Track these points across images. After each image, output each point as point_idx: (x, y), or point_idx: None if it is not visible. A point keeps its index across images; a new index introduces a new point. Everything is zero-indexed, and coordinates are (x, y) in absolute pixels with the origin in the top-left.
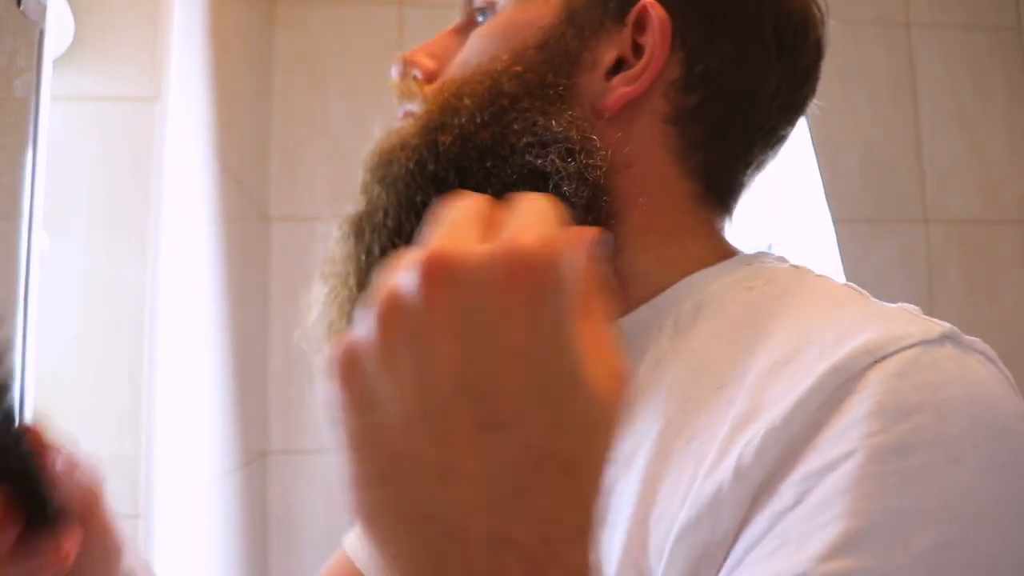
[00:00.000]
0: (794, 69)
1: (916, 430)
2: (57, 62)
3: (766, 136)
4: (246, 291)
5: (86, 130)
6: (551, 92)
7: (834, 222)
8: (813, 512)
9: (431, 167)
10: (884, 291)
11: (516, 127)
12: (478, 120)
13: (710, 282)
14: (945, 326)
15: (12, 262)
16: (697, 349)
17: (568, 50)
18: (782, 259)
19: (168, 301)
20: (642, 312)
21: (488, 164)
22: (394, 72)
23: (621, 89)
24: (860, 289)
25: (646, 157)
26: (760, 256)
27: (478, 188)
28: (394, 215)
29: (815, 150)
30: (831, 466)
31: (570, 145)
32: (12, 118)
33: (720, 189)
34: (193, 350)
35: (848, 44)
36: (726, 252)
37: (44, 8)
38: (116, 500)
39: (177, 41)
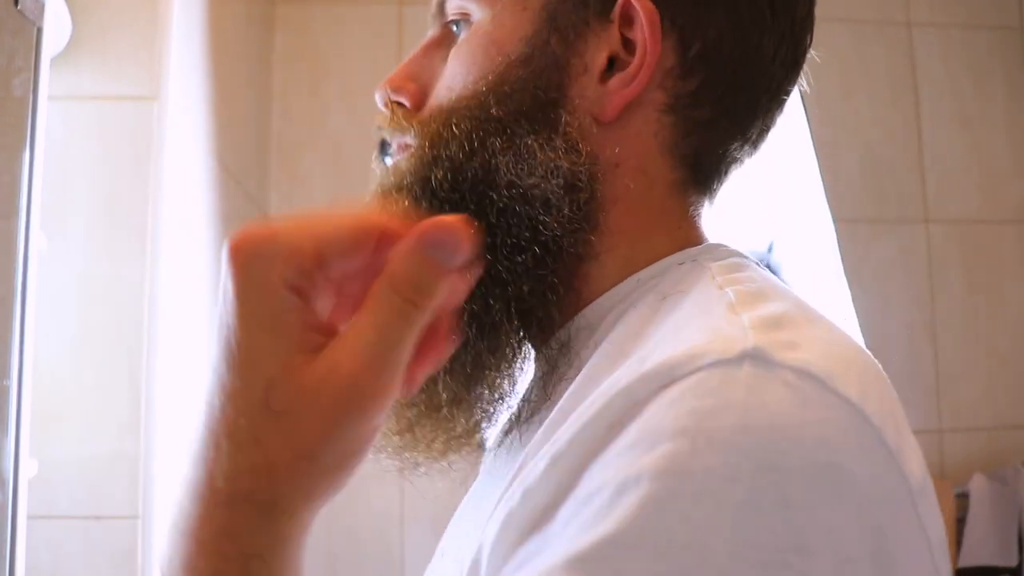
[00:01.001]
0: (791, 24)
1: (664, 458)
2: (55, 61)
3: (771, 101)
4: None
5: (84, 130)
6: (540, 113)
7: (834, 222)
8: (557, 543)
9: (426, 206)
10: (884, 291)
11: (503, 154)
12: (466, 149)
13: (635, 288)
14: (756, 342)
15: (10, 262)
16: (593, 363)
17: (555, 58)
18: (725, 254)
19: (167, 301)
20: (579, 319)
21: (479, 195)
22: (379, 101)
23: (620, 92)
24: (750, 292)
25: (637, 153)
26: (704, 251)
27: (493, 192)
28: None
29: (815, 150)
30: (590, 496)
31: (558, 169)
32: (10, 117)
33: (707, 172)
34: (192, 350)
35: (849, 44)
36: (680, 244)
37: (42, 7)
38: (114, 501)
39: (176, 40)
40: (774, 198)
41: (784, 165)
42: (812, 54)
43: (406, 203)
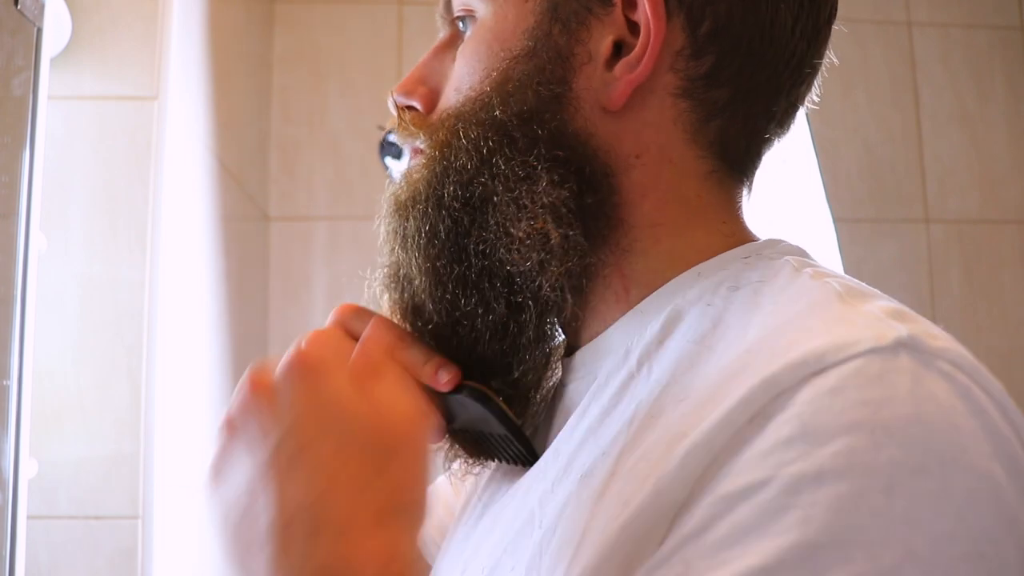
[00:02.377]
0: None
1: (843, 454)
2: (55, 61)
3: (794, 73)
4: (245, 291)
5: (84, 130)
6: (543, 111)
7: (835, 222)
8: (718, 545)
9: (442, 228)
10: (885, 291)
11: (508, 161)
12: (475, 161)
13: (697, 282)
14: (907, 330)
15: (10, 262)
16: (666, 361)
17: (558, 49)
18: (790, 250)
19: (167, 301)
20: (629, 317)
21: (492, 206)
22: (390, 106)
23: (624, 78)
24: (852, 286)
25: (657, 142)
26: (767, 246)
27: (485, 232)
28: (420, 279)
29: (816, 150)
30: (743, 494)
31: (566, 170)
32: (9, 117)
33: (737, 158)
34: (192, 350)
35: (849, 44)
36: (736, 239)
37: (42, 7)
38: (114, 501)
39: (176, 40)
40: (774, 198)
41: (784, 165)
42: (839, 25)
43: (424, 226)
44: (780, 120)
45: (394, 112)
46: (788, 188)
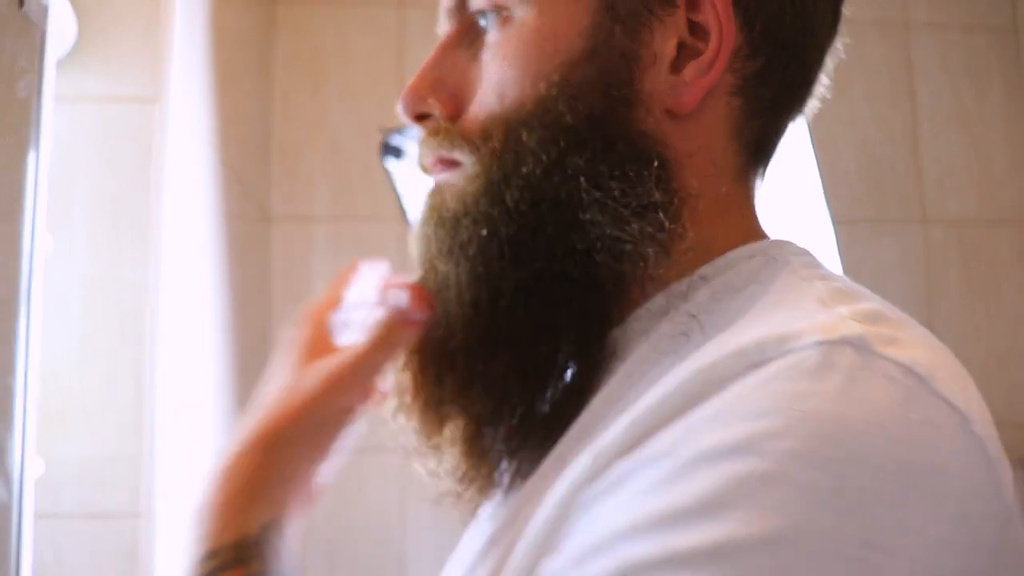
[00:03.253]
0: None
1: (745, 435)
2: (60, 63)
3: (819, 67)
4: (248, 291)
5: (88, 131)
6: (613, 115)
7: (833, 222)
8: (617, 501)
9: (505, 231)
10: (883, 291)
11: (582, 167)
12: (543, 163)
13: (701, 284)
14: (861, 330)
15: (15, 262)
16: (646, 354)
17: (623, 51)
18: (795, 251)
19: (170, 301)
20: (639, 316)
21: (559, 216)
22: (404, 113)
23: (698, 81)
24: (839, 288)
25: (707, 143)
26: (773, 246)
27: (554, 244)
28: (469, 287)
29: (815, 150)
30: (651, 459)
31: (640, 170)
32: (15, 119)
33: (766, 153)
34: (195, 350)
35: (846, 44)
36: (748, 235)
37: (46, 10)
38: (119, 500)
39: (179, 42)
40: (772, 199)
41: (782, 165)
42: (845, 10)
43: (482, 233)
44: (803, 110)
45: (408, 120)
46: (787, 188)
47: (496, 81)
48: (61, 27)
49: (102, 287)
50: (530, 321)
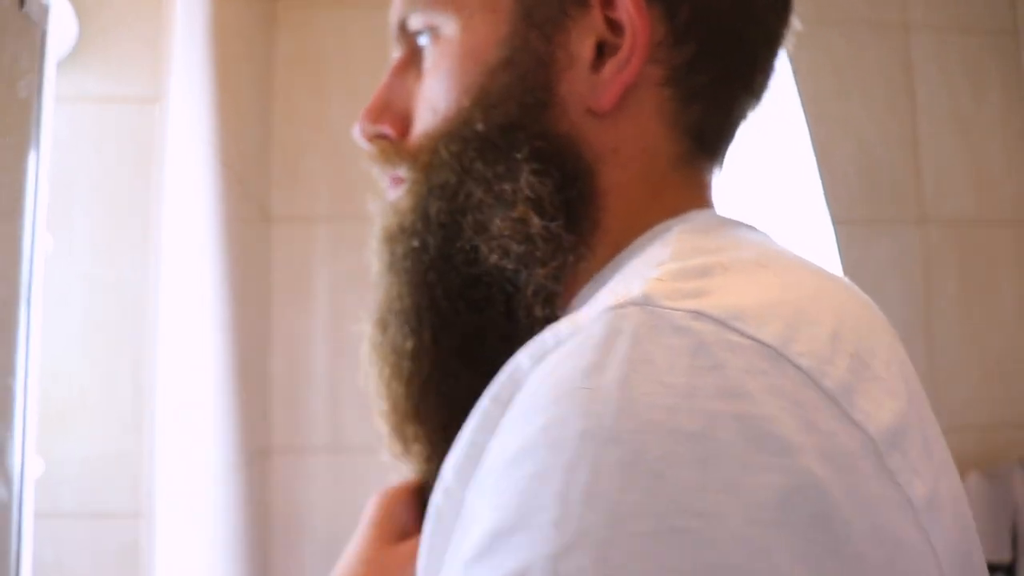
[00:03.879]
0: None
1: (538, 430)
2: (60, 63)
3: (768, 50)
4: (248, 291)
5: (89, 131)
6: (528, 120)
7: (832, 223)
8: (459, 533)
9: (432, 241)
10: (880, 291)
11: (488, 164)
12: (457, 171)
13: (615, 267)
14: (644, 289)
15: (16, 262)
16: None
17: (538, 56)
18: (710, 216)
19: (170, 301)
20: (574, 304)
21: (474, 208)
22: (360, 137)
23: (616, 79)
24: (696, 245)
25: (635, 134)
26: (688, 218)
27: (469, 247)
28: (409, 298)
29: (813, 151)
30: (476, 485)
31: (548, 166)
32: (15, 119)
33: (713, 138)
34: (195, 349)
35: (845, 46)
36: (675, 214)
37: (47, 10)
38: (119, 499)
39: (180, 42)
40: (771, 199)
41: (781, 166)
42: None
43: (413, 243)
44: (756, 93)
45: (365, 144)
46: (786, 188)
47: (429, 97)
48: (62, 27)
49: (102, 287)
50: (467, 327)
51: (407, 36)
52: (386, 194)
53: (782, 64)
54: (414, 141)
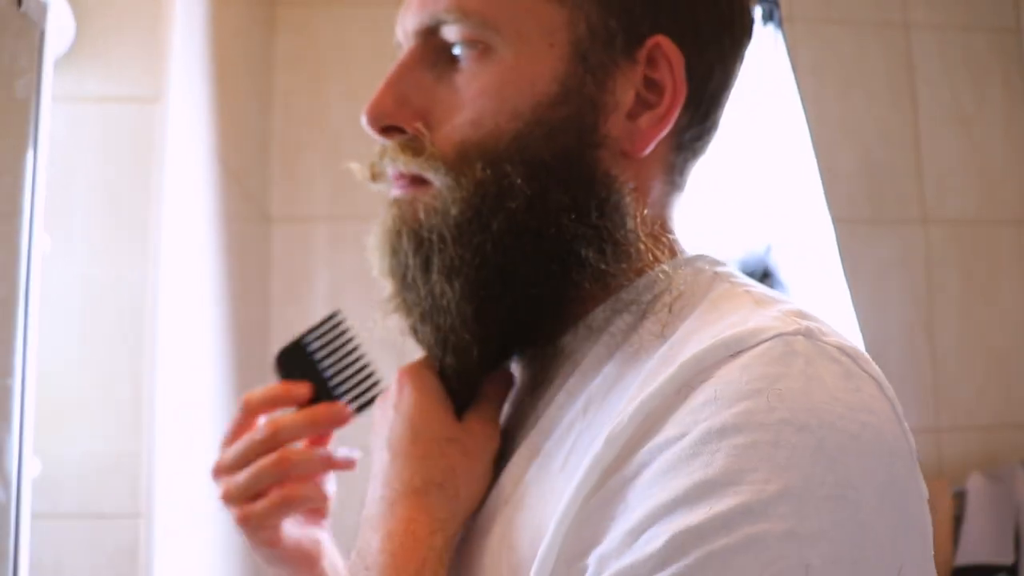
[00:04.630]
0: (748, 38)
1: (743, 413)
2: (58, 63)
3: (729, 101)
4: (247, 291)
5: (87, 131)
6: (583, 154)
7: (833, 223)
8: (645, 485)
9: (493, 260)
10: (882, 291)
11: (563, 203)
12: (528, 199)
13: (639, 293)
14: (806, 324)
15: (13, 262)
16: (628, 354)
17: (591, 97)
18: (712, 262)
19: (169, 301)
20: (582, 325)
21: (541, 244)
22: (369, 127)
23: (652, 130)
24: (764, 293)
25: (647, 177)
26: (696, 259)
27: (521, 269)
28: (470, 311)
29: (814, 150)
30: (667, 444)
31: (597, 206)
32: (13, 119)
33: (685, 180)
34: (194, 350)
35: (846, 45)
36: (673, 252)
37: (45, 9)
38: (117, 500)
39: (178, 42)
40: (772, 199)
41: (782, 166)
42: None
43: (467, 255)
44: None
45: (373, 133)
46: (786, 188)
47: (473, 109)
48: (60, 26)
49: (101, 287)
50: (520, 333)
51: (435, 39)
52: (381, 184)
53: (782, 63)
54: (450, 147)
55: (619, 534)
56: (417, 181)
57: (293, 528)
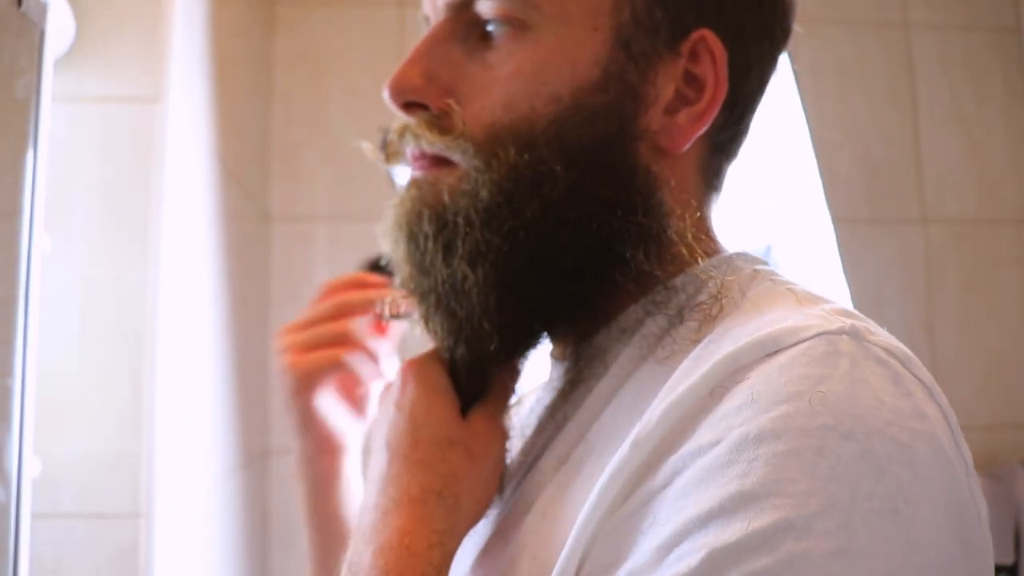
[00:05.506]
0: (784, 47)
1: (782, 417)
2: (58, 63)
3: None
4: (247, 291)
5: (87, 131)
6: (622, 144)
7: (833, 223)
8: (676, 496)
9: (526, 247)
10: (882, 291)
11: (602, 194)
12: (567, 186)
13: (676, 291)
14: (851, 323)
15: (13, 262)
16: (666, 354)
17: (631, 87)
18: (754, 260)
19: (169, 301)
20: (615, 324)
21: (579, 235)
22: (389, 98)
23: (690, 127)
24: (806, 291)
25: (682, 175)
26: (736, 257)
27: (559, 261)
28: (493, 300)
29: (814, 150)
30: (700, 451)
31: (641, 204)
32: (13, 119)
33: (721, 182)
34: (194, 350)
35: (847, 45)
36: (713, 250)
37: (45, 9)
38: (117, 500)
39: (178, 42)
40: (772, 199)
41: (782, 166)
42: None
43: (497, 241)
44: (738, 154)
45: (394, 107)
46: (786, 188)
47: (506, 90)
48: (60, 26)
49: (101, 286)
50: (539, 328)
51: (468, 14)
52: (399, 163)
53: (783, 63)
54: (480, 128)
55: (649, 549)
56: (440, 162)
57: (330, 407)
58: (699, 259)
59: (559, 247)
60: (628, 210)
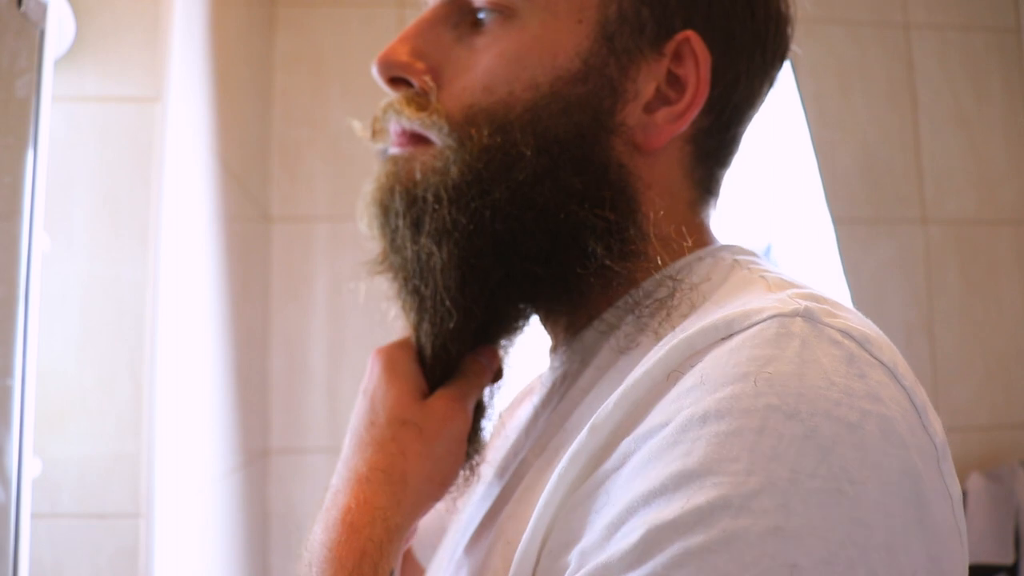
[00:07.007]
0: (781, 63)
1: (727, 398)
2: (58, 63)
3: (757, 118)
4: (247, 291)
5: (87, 131)
6: (596, 137)
7: (833, 222)
8: (628, 476)
9: (491, 228)
10: (882, 291)
11: (572, 184)
12: (536, 173)
13: (663, 281)
14: (806, 305)
15: (13, 262)
16: (624, 350)
17: (611, 81)
18: (740, 251)
19: (169, 301)
20: (604, 318)
21: (545, 222)
22: (376, 73)
23: (668, 126)
24: (782, 278)
25: (663, 177)
26: (721, 249)
27: (520, 243)
28: (455, 278)
29: (814, 151)
30: (651, 433)
31: (610, 198)
32: (13, 119)
33: (715, 188)
34: (194, 350)
35: (846, 45)
36: (703, 244)
37: (45, 9)
38: (117, 500)
39: (178, 42)
40: (772, 199)
41: (782, 166)
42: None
43: (463, 220)
44: (730, 164)
45: (381, 82)
46: (786, 188)
47: (487, 72)
48: (59, 26)
49: (101, 287)
50: (509, 313)
51: (461, 1)
52: (380, 140)
53: (783, 74)
54: (457, 108)
55: (599, 528)
56: (418, 139)
57: None
58: (677, 257)
59: (523, 231)
60: (596, 203)
